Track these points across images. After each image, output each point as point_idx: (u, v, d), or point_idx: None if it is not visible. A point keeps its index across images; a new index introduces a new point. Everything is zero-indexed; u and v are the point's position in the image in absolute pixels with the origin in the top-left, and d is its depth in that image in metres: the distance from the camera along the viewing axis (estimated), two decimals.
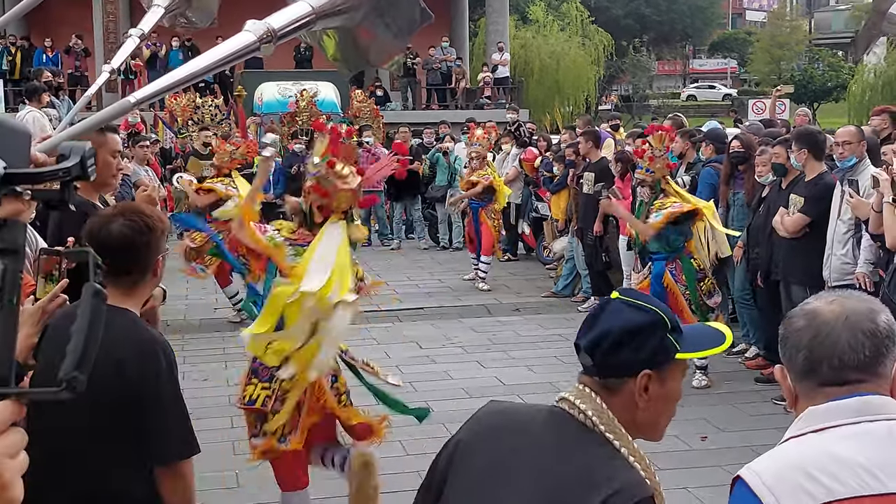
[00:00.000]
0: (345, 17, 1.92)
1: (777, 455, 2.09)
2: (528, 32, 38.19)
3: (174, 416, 3.12)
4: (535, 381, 8.62)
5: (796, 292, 7.83)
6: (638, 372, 2.12)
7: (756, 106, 27.74)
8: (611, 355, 2.13)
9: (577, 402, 2.14)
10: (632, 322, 2.13)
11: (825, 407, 2.05)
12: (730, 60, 66.33)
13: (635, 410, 2.13)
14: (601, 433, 2.09)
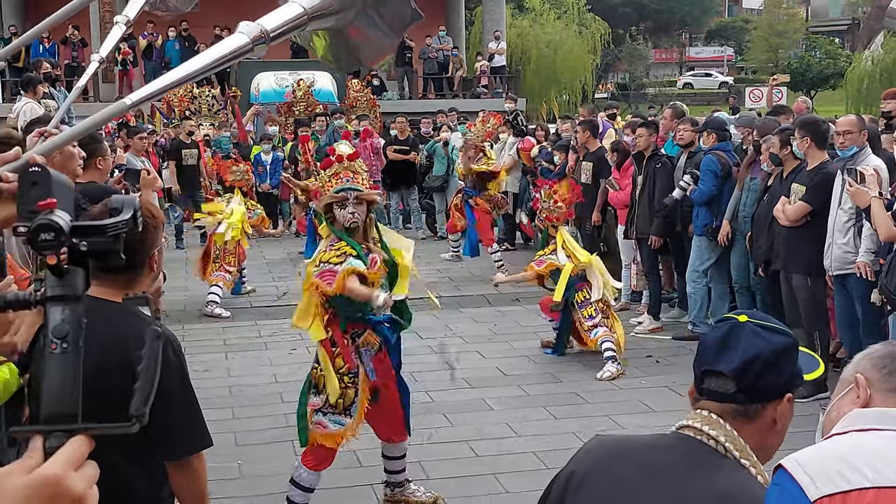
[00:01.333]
0: (336, 18, 1.92)
1: (820, 447, 2.14)
2: (524, 21, 38.10)
3: (186, 411, 3.11)
4: (537, 372, 8.63)
5: (797, 281, 7.84)
6: (783, 395, 2.16)
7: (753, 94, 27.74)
8: (761, 380, 2.14)
9: (705, 428, 2.14)
10: (778, 344, 2.16)
11: (872, 411, 2.14)
12: (727, 48, 66.29)
13: (770, 434, 2.17)
14: (735, 459, 2.10)
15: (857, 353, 2.34)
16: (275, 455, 6.65)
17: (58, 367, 1.23)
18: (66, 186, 1.33)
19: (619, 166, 10.66)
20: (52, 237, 1.23)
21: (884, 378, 2.21)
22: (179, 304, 11.26)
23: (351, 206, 5.16)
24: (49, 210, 1.25)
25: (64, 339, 1.23)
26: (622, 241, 10.73)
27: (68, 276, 1.25)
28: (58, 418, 1.22)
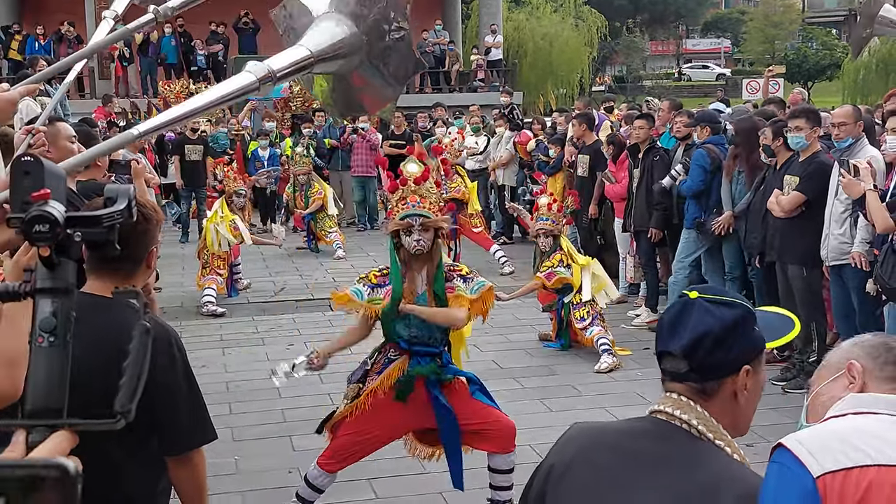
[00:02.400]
0: (341, 63, 1.92)
1: (819, 428, 2.16)
2: (521, 14, 38.05)
3: (190, 406, 3.11)
4: (534, 365, 8.64)
5: (793, 272, 7.84)
6: (739, 369, 2.12)
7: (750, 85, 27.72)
8: (712, 356, 2.11)
9: (677, 413, 2.12)
10: (728, 319, 2.11)
11: (867, 396, 2.17)
12: (723, 40, 66.22)
13: (736, 408, 2.14)
14: (710, 441, 2.09)
15: None
16: (271, 451, 6.66)
17: (44, 360, 1.21)
18: (59, 177, 1.31)
19: (616, 159, 10.66)
20: (46, 229, 1.21)
21: (879, 367, 2.22)
22: (176, 300, 11.26)
23: (416, 234, 4.98)
24: (43, 201, 1.23)
25: (51, 332, 1.21)
26: (619, 233, 10.73)
27: (59, 268, 1.24)
28: (42, 413, 1.20)
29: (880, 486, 1.97)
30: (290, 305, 11.27)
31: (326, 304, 11.13)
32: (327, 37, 1.74)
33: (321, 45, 1.69)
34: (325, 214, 14.36)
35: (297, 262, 13.89)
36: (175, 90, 21.06)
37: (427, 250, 5.06)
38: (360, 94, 2.18)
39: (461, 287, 5.14)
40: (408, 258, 5.08)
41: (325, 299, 11.30)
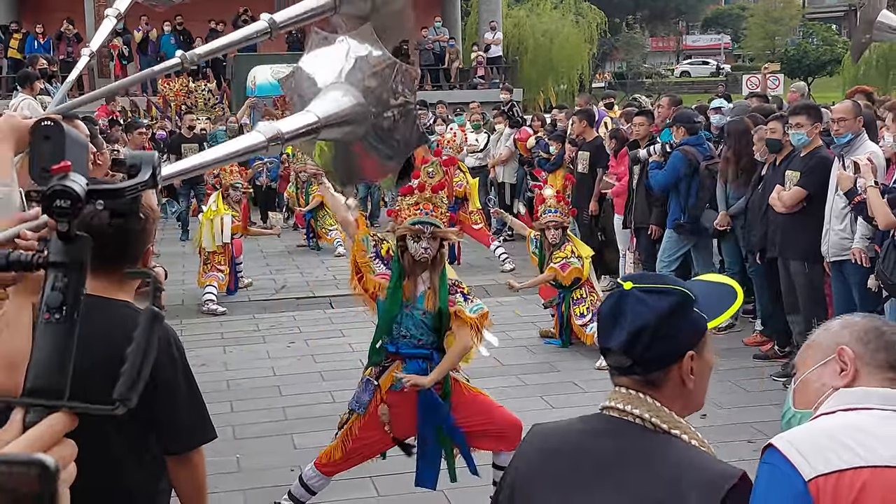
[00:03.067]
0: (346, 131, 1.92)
1: (809, 427, 2.13)
2: (520, 11, 38.03)
3: (189, 405, 3.12)
4: (534, 362, 8.64)
5: (795, 267, 7.84)
6: (682, 356, 2.06)
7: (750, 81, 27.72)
8: (651, 349, 2.05)
9: (627, 408, 2.08)
10: (662, 309, 2.05)
11: (857, 390, 2.14)
12: (723, 36, 66.19)
13: (686, 393, 2.09)
14: (665, 431, 2.04)
15: None
16: (273, 448, 6.66)
17: (48, 338, 1.16)
18: (81, 145, 1.26)
19: (616, 153, 10.65)
20: (67, 204, 1.16)
21: (871, 354, 2.19)
22: (177, 298, 11.25)
23: (425, 241, 4.99)
24: (63, 174, 1.18)
25: (58, 309, 1.16)
26: (619, 230, 10.73)
27: (76, 243, 1.18)
28: (41, 392, 1.15)
29: (874, 488, 1.95)
30: (290, 303, 11.27)
31: (327, 302, 11.15)
32: (334, 105, 1.76)
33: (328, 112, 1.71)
34: (326, 212, 14.34)
35: (297, 260, 13.89)
36: (174, 88, 21.03)
37: (431, 258, 5.08)
38: (362, 163, 2.17)
39: (461, 302, 5.13)
40: (411, 263, 5.07)
41: (325, 297, 11.33)
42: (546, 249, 9.00)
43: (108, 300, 2.97)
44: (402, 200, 5.19)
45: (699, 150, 9.29)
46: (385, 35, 1.55)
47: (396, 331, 5.11)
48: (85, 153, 1.27)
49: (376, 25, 1.70)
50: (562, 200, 9.12)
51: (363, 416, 5.16)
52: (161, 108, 20.68)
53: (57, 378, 1.16)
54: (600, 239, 11.31)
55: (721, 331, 9.16)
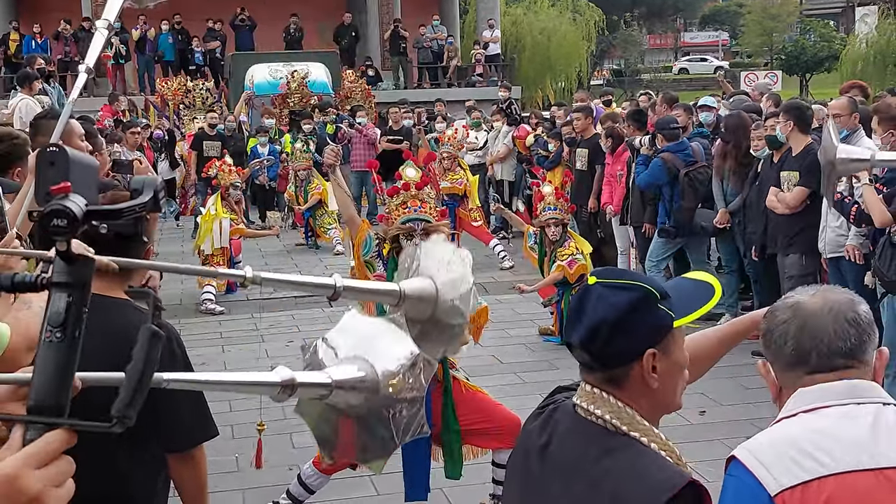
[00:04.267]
0: (352, 405, 1.90)
1: (770, 434, 2.11)
2: (518, 9, 38.03)
3: (191, 402, 3.13)
4: (533, 360, 8.64)
5: (791, 259, 7.85)
6: (642, 354, 2.01)
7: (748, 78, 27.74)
8: (609, 345, 2.01)
9: (590, 407, 2.05)
10: (621, 304, 2.01)
11: (816, 388, 2.10)
12: (721, 33, 66.17)
13: (650, 393, 2.03)
14: (625, 433, 2.00)
15: None
16: (272, 448, 6.65)
17: (50, 356, 1.19)
18: (87, 167, 1.28)
19: (613, 151, 10.65)
20: (64, 223, 1.18)
21: (773, 358, 2.19)
22: (175, 298, 11.25)
23: (418, 238, 4.98)
24: (63, 195, 1.20)
25: (59, 328, 1.19)
26: (617, 227, 10.74)
27: (77, 264, 1.21)
28: (41, 410, 1.18)
29: (840, 496, 1.94)
30: (289, 302, 11.27)
31: (325, 301, 11.14)
32: (349, 374, 1.77)
33: (344, 377, 1.71)
34: (325, 211, 14.34)
35: (296, 259, 13.90)
36: (172, 87, 21.02)
37: None
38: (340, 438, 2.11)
39: None
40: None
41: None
42: (547, 246, 8.99)
43: (108, 298, 2.99)
44: (391, 202, 5.18)
45: (680, 156, 9.27)
46: (427, 345, 1.54)
47: None
48: (93, 175, 1.29)
49: (425, 332, 1.69)
50: (561, 197, 9.12)
51: None
52: (159, 107, 20.65)
53: (57, 396, 1.19)
54: (599, 236, 11.32)
55: None
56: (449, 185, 12.66)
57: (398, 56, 28.40)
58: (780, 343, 2.14)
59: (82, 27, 25.98)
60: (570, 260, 8.74)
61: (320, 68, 22.14)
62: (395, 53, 28.45)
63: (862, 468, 1.97)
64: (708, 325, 8.56)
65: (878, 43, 35.79)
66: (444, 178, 12.72)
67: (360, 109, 17.78)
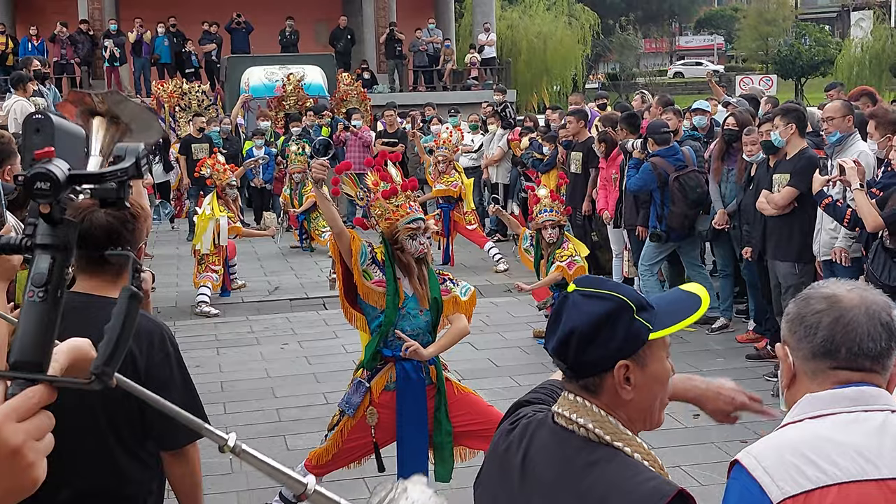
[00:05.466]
0: None
1: (775, 439, 2.08)
2: (514, 13, 38.09)
3: (184, 400, 3.12)
4: (529, 363, 8.64)
5: (785, 269, 7.87)
6: (613, 365, 1.99)
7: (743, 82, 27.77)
8: (581, 355, 2.00)
9: (573, 416, 2.02)
10: (593, 314, 1.99)
11: (824, 394, 2.06)
12: (716, 37, 66.29)
13: (625, 404, 2.00)
14: (608, 443, 1.98)
15: None
16: (266, 450, 6.59)
17: (32, 315, 1.21)
18: (72, 135, 1.30)
19: (607, 156, 10.65)
20: (47, 186, 1.21)
21: (797, 345, 2.12)
22: (171, 300, 11.25)
23: (421, 237, 5.09)
24: (47, 159, 1.23)
25: (42, 287, 1.21)
26: (611, 230, 10.74)
27: (61, 226, 1.23)
28: (22, 366, 1.21)
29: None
30: (284, 305, 11.27)
31: (321, 303, 11.14)
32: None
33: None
34: (319, 213, 14.32)
35: (291, 262, 13.89)
36: (168, 90, 20.99)
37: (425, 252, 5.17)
38: None
39: (453, 288, 5.23)
40: (410, 262, 5.10)
41: (319, 298, 11.32)
42: (544, 249, 8.98)
43: (102, 298, 3.02)
44: (389, 202, 5.19)
45: (671, 160, 9.28)
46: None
47: (392, 334, 5.12)
48: (79, 143, 1.31)
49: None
50: (556, 199, 9.12)
51: (353, 417, 5.17)
52: (154, 109, 20.63)
53: (36, 352, 1.21)
54: (594, 239, 11.32)
55: (714, 331, 9.20)
56: (444, 187, 12.67)
57: (394, 59, 28.41)
58: (811, 331, 2.08)
59: (79, 30, 25.99)
60: (570, 261, 8.74)
61: (316, 71, 22.14)
62: (390, 56, 28.46)
63: (865, 478, 1.96)
64: (703, 328, 8.54)
65: (874, 47, 35.91)
66: (438, 181, 12.73)
67: (355, 112, 17.78)
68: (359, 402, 5.15)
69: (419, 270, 5.13)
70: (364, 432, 5.19)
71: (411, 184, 5.32)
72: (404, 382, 5.13)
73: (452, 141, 13.16)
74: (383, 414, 5.17)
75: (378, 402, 5.15)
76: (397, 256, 5.08)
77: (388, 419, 5.18)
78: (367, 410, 5.15)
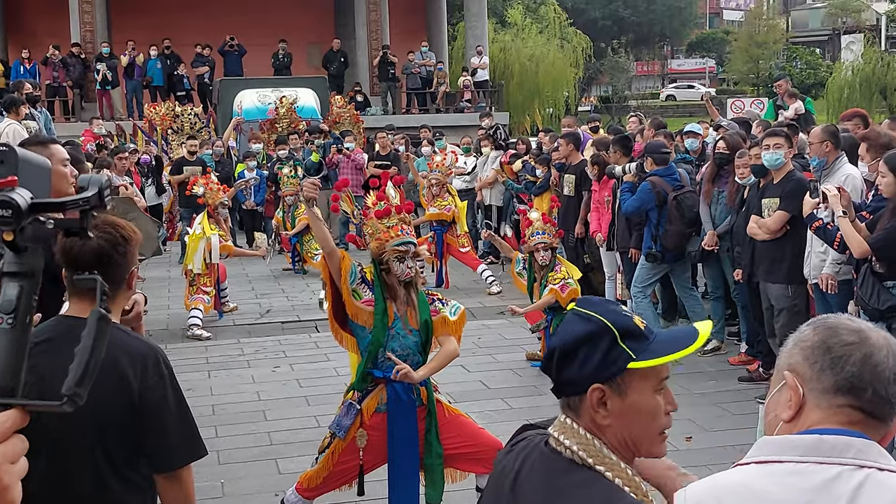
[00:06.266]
0: None
1: (712, 480, 1.97)
2: (506, 36, 38.26)
3: (179, 422, 3.12)
4: (521, 385, 8.62)
5: (778, 291, 7.87)
6: (586, 388, 1.98)
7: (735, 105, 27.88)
8: (561, 372, 2.01)
9: (560, 437, 2.02)
10: (573, 334, 2.01)
11: (778, 440, 1.92)
12: (708, 60, 66.63)
13: (603, 429, 2.00)
14: (590, 466, 1.97)
15: None
16: (258, 473, 6.62)
17: (2, 341, 1.24)
18: (36, 166, 1.33)
19: (600, 179, 10.68)
20: (9, 214, 1.24)
21: (816, 376, 1.90)
22: (162, 323, 11.22)
23: (409, 260, 5.08)
24: (10, 188, 1.25)
25: (11, 314, 1.25)
26: (604, 252, 10.76)
27: (27, 253, 1.27)
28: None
29: None
30: (275, 327, 11.24)
31: (312, 326, 11.12)
32: None
33: None
34: (312, 236, 14.32)
35: (282, 284, 13.87)
36: (161, 113, 21.02)
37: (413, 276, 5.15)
38: None
39: (442, 308, 5.22)
40: (394, 285, 5.08)
41: (310, 321, 11.30)
42: (537, 272, 8.98)
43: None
44: (382, 223, 5.19)
45: (668, 180, 9.31)
46: None
47: (381, 355, 5.10)
48: (44, 174, 1.34)
49: None
50: (549, 222, 9.14)
51: (343, 440, 5.14)
52: (147, 132, 20.64)
53: (9, 378, 1.24)
54: (586, 262, 11.33)
55: (706, 353, 9.19)
56: (437, 211, 12.68)
57: (387, 82, 28.50)
58: (839, 363, 1.87)
59: (71, 53, 26.02)
60: (563, 284, 8.73)
61: (309, 94, 22.19)
62: (383, 79, 28.55)
63: None
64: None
65: (864, 70, 36.10)
66: (432, 205, 12.74)
67: (348, 134, 17.81)
68: (349, 425, 5.12)
69: (406, 294, 5.12)
70: (354, 455, 5.17)
71: (407, 207, 5.31)
72: (395, 404, 5.11)
73: (446, 164, 13.18)
74: (373, 436, 5.14)
75: (369, 424, 5.13)
76: (382, 278, 5.07)
77: (378, 441, 5.16)
78: (358, 433, 5.13)
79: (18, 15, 29.49)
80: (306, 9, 31.29)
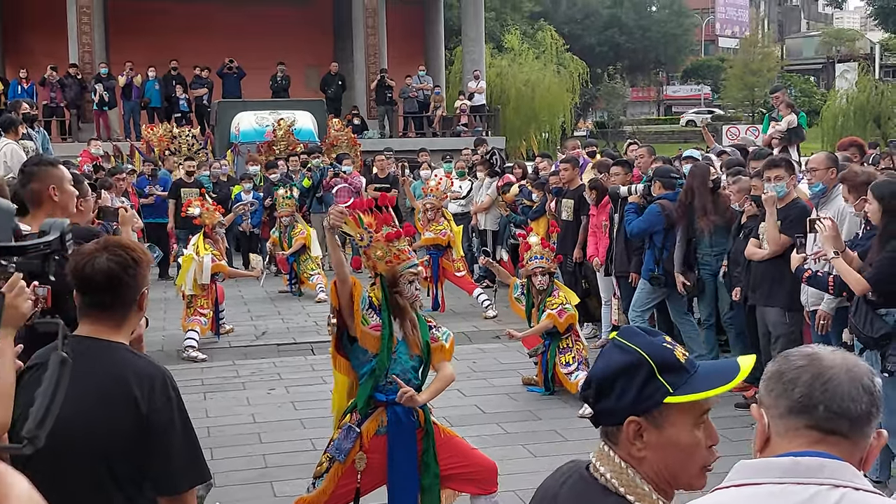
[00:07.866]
0: None
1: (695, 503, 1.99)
2: (503, 60, 38.41)
3: (184, 445, 3.11)
4: (516, 410, 8.61)
5: (775, 316, 7.88)
6: (623, 419, 2.00)
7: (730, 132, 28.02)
8: (598, 403, 2.03)
9: (597, 464, 2.05)
10: (611, 366, 2.02)
11: (759, 462, 1.93)
12: (703, 86, 66.96)
13: (640, 461, 2.01)
14: (621, 496, 1.98)
15: None
16: (253, 496, 6.60)
17: None
18: (1, 213, 1.31)
19: (598, 203, 10.70)
20: None
21: (773, 403, 1.94)
22: (157, 344, 11.19)
23: (417, 283, 5.17)
24: None
25: None
26: (602, 278, 10.76)
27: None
28: None
29: None
30: (271, 349, 11.22)
31: (308, 348, 11.10)
32: None
33: None
34: (308, 256, 14.35)
35: (279, 307, 13.86)
36: (158, 134, 21.06)
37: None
38: None
39: (441, 338, 5.30)
40: (403, 306, 5.12)
41: (306, 343, 11.29)
42: (535, 296, 9.00)
43: (106, 342, 3.07)
44: (392, 245, 5.21)
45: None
46: None
47: (383, 379, 5.11)
48: (8, 218, 1.37)
49: None
50: (547, 247, 9.17)
51: (343, 463, 5.13)
52: (144, 153, 20.68)
53: None
54: (584, 287, 11.34)
55: None
56: (433, 235, 12.69)
57: (384, 105, 28.58)
58: (789, 386, 1.92)
59: (69, 73, 26.07)
60: (560, 309, 8.77)
61: (307, 116, 22.26)
62: (381, 102, 28.62)
63: None
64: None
65: (858, 99, 36.31)
66: (427, 229, 12.75)
67: (345, 157, 17.85)
68: (349, 448, 5.12)
69: (407, 317, 5.16)
70: (352, 478, 5.16)
71: (408, 230, 5.36)
72: (395, 426, 5.12)
73: (441, 188, 13.21)
74: (373, 459, 5.14)
75: (368, 447, 5.12)
76: (394, 300, 5.09)
77: (377, 464, 5.15)
78: (357, 456, 5.12)
79: (17, 35, 29.58)
80: (305, 32, 31.42)
